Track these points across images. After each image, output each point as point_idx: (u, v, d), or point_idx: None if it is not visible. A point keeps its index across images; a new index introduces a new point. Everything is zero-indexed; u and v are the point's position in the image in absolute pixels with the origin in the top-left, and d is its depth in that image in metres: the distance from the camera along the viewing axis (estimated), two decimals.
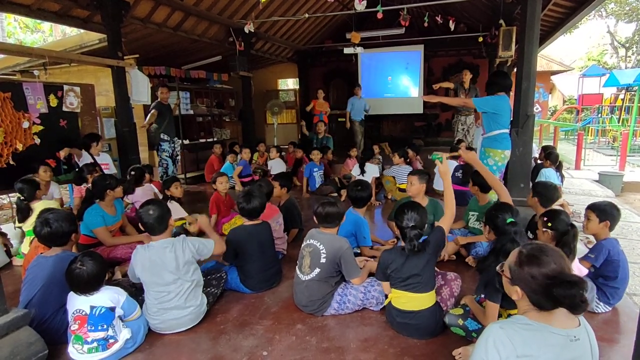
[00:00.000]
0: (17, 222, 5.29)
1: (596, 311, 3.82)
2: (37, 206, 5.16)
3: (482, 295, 3.20)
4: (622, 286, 3.85)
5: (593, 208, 3.99)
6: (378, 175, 8.31)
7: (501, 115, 6.02)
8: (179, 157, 9.73)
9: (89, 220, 4.82)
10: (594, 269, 3.90)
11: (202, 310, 3.76)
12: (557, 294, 1.92)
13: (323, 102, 13.33)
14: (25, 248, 5.17)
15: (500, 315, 3.13)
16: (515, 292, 2.11)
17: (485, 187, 5.27)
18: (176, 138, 9.60)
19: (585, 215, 4.06)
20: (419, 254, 3.38)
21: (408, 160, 8.76)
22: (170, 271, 3.54)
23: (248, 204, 4.40)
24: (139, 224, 3.78)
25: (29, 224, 5.16)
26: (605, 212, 3.90)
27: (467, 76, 10.70)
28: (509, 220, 3.61)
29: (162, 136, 9.28)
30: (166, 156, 9.34)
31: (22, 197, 5.22)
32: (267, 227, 4.57)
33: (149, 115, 9.13)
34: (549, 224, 3.69)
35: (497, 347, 1.98)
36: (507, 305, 3.08)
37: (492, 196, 5.49)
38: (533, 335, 1.98)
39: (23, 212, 5.16)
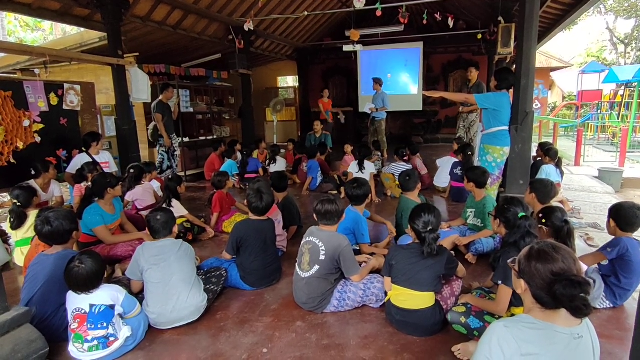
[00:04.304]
0: (11, 227, 5.17)
1: (598, 307, 3.82)
2: (31, 214, 5.07)
3: (499, 282, 3.18)
4: (632, 288, 3.83)
5: (609, 209, 3.95)
6: (376, 172, 8.32)
7: (501, 112, 6.02)
8: (177, 153, 9.74)
9: (88, 220, 4.81)
10: (608, 265, 3.86)
11: (202, 305, 3.78)
12: (558, 291, 1.92)
13: (328, 100, 13.78)
14: (19, 260, 5.11)
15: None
16: (520, 286, 2.12)
17: (480, 183, 5.30)
18: (174, 135, 9.61)
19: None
20: (436, 257, 3.42)
21: (406, 157, 8.78)
22: (176, 257, 3.72)
23: (261, 202, 4.49)
24: (146, 227, 3.95)
25: (20, 234, 5.11)
26: (611, 211, 3.88)
27: (473, 74, 10.54)
28: (521, 214, 3.56)
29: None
30: (163, 151, 9.39)
31: (18, 204, 5.15)
32: (272, 224, 4.62)
33: (158, 123, 9.16)
34: (544, 221, 3.70)
35: (501, 346, 1.98)
36: (516, 301, 3.09)
37: (488, 192, 5.53)
38: (538, 334, 1.98)
39: (19, 219, 5.08)
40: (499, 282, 3.14)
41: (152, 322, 3.64)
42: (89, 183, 6.00)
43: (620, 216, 3.81)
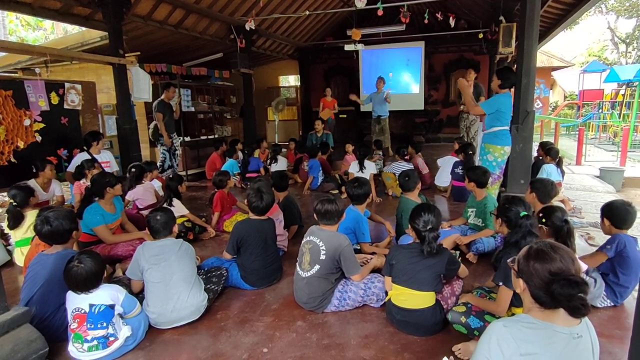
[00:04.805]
0: (8, 227, 5.15)
1: (599, 306, 3.82)
2: (30, 214, 5.05)
3: (500, 283, 3.18)
4: (631, 285, 3.83)
5: (601, 208, 3.99)
6: (376, 172, 8.32)
7: (505, 113, 6.03)
8: (177, 152, 9.74)
9: (88, 219, 4.81)
10: (606, 263, 3.86)
11: (202, 305, 3.77)
12: (556, 291, 1.93)
13: (331, 99, 13.65)
14: (19, 260, 5.10)
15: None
16: (519, 285, 2.12)
17: (481, 183, 5.29)
18: (175, 134, 9.62)
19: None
20: (436, 256, 3.41)
21: (407, 157, 8.76)
22: (176, 256, 3.72)
23: (261, 201, 4.48)
24: (146, 227, 3.96)
25: (19, 234, 5.09)
26: (605, 210, 3.91)
27: (472, 75, 10.66)
28: (523, 213, 3.55)
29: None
30: (164, 150, 9.40)
31: (14, 203, 5.12)
32: (272, 224, 4.61)
33: (159, 122, 9.18)
34: (544, 220, 3.69)
35: (500, 346, 1.99)
36: (516, 301, 3.09)
37: (489, 191, 5.52)
38: (537, 334, 1.98)
39: (15, 218, 5.05)
40: (500, 283, 3.14)
41: (152, 321, 3.63)
42: (88, 181, 6.00)
43: (614, 214, 3.85)
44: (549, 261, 2.01)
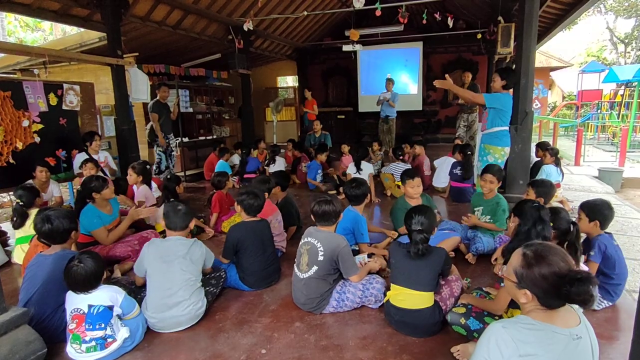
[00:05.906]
0: (14, 227, 5.21)
1: (596, 308, 3.80)
2: (34, 213, 5.06)
3: (503, 284, 3.16)
4: (622, 281, 3.82)
5: (583, 207, 3.94)
6: (374, 172, 8.30)
7: (507, 112, 6.06)
8: (173, 153, 9.73)
9: (86, 223, 4.77)
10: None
11: (201, 312, 3.76)
12: (569, 292, 1.91)
13: (311, 99, 13.76)
14: (18, 257, 5.12)
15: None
16: (524, 295, 2.08)
17: (500, 179, 5.26)
18: (171, 135, 9.60)
19: (577, 214, 4.00)
20: (424, 257, 3.39)
21: (401, 156, 8.75)
22: (180, 262, 3.65)
23: (255, 200, 4.46)
24: (162, 217, 3.93)
25: (21, 232, 5.12)
26: (593, 211, 3.83)
27: (468, 77, 10.93)
28: (534, 205, 3.56)
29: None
30: (160, 151, 9.39)
31: (20, 203, 5.15)
32: (267, 225, 4.59)
33: (154, 123, 9.17)
34: (550, 223, 3.67)
35: (499, 347, 1.98)
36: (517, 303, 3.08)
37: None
38: (536, 335, 1.97)
39: (22, 217, 5.09)
40: (503, 285, 3.12)
41: (151, 325, 3.62)
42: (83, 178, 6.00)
43: (606, 216, 3.83)
44: (553, 264, 1.99)
